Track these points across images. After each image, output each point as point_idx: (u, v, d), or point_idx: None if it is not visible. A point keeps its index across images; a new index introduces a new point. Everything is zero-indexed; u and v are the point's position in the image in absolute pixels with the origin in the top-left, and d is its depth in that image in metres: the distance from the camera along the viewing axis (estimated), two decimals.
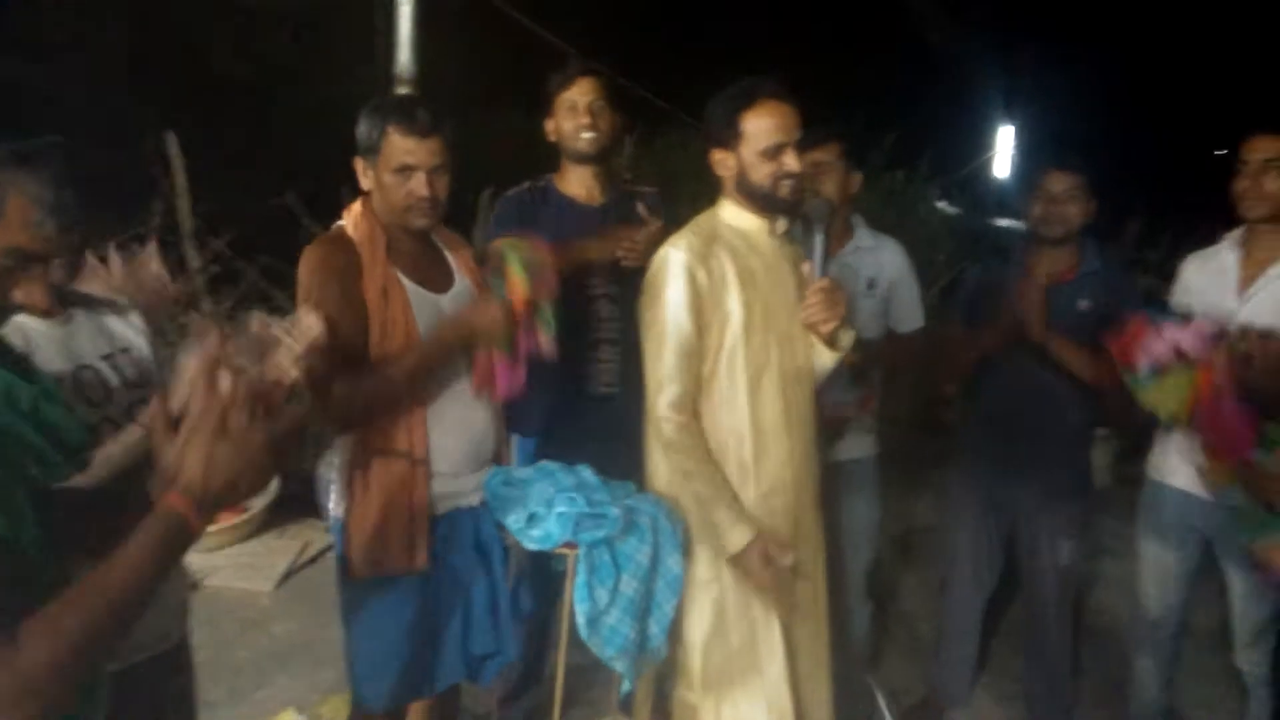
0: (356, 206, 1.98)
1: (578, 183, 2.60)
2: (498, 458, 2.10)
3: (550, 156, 2.67)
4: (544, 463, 2.02)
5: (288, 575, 3.89)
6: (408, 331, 1.87)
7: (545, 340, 2.00)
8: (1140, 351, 2.17)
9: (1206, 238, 2.69)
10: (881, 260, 2.77)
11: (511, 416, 2.24)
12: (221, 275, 5.12)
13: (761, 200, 2.05)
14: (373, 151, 1.90)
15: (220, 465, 1.02)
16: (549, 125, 2.60)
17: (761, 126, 1.98)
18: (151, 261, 2.08)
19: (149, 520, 1.00)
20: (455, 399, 1.97)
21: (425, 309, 1.93)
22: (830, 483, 2.30)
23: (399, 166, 1.87)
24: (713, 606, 2.05)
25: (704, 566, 2.05)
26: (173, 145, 4.86)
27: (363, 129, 1.92)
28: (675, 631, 2.05)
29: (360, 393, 1.83)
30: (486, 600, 2.02)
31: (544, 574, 2.47)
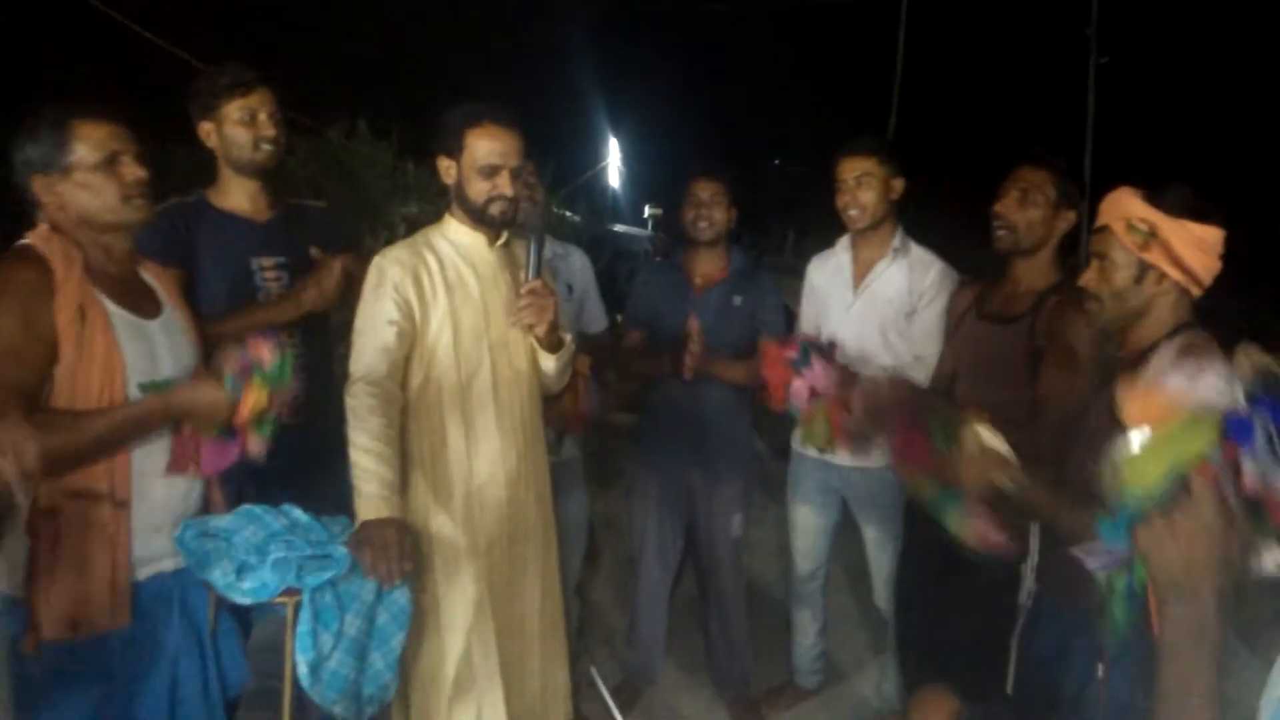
0: (42, 226, 1.74)
1: (242, 196, 2.40)
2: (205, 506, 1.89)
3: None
4: (245, 506, 1.82)
5: None
6: (109, 358, 1.67)
7: (255, 443, 1.82)
8: (784, 390, 2.52)
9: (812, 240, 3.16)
10: (573, 266, 2.94)
11: None
12: None
13: (474, 215, 2.17)
14: (59, 158, 1.70)
15: None
16: (205, 129, 2.37)
17: (482, 147, 2.09)
18: None
19: None
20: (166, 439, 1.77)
21: (132, 334, 1.73)
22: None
23: (104, 158, 1.72)
24: (465, 630, 2.05)
25: (468, 584, 2.07)
26: None
27: (33, 144, 1.71)
28: (417, 665, 2.02)
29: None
30: (198, 680, 1.78)
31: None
